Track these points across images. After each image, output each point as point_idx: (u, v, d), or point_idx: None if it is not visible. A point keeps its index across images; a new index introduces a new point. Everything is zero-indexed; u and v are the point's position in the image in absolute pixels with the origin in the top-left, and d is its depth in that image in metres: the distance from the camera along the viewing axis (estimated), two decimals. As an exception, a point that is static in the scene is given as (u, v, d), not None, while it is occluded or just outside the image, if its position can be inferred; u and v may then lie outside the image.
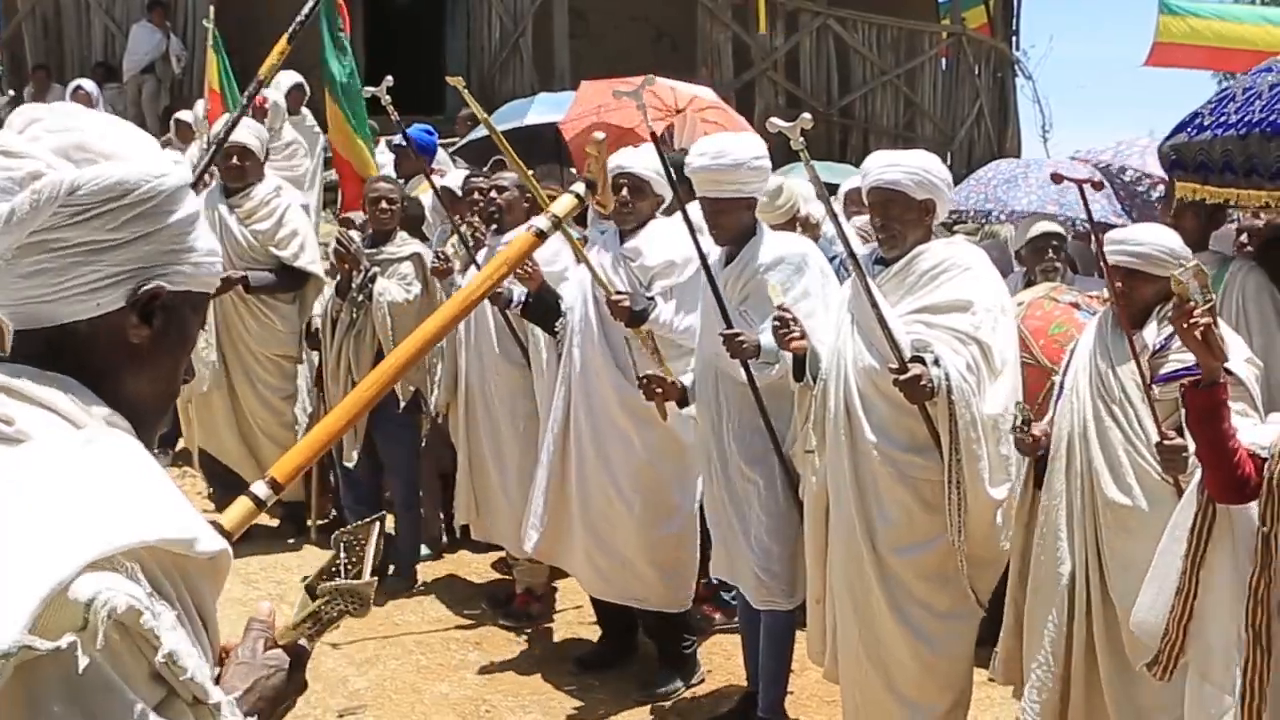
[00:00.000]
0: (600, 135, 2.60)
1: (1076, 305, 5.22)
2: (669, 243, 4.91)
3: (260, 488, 1.97)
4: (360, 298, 6.02)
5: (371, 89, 5.89)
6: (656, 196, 5.02)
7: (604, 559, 5.12)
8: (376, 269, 6.07)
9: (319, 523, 6.80)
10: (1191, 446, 3.48)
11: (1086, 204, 3.90)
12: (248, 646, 1.55)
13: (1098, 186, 4.05)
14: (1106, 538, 3.73)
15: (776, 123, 4.14)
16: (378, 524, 1.73)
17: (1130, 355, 3.70)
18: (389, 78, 5.85)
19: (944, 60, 16.84)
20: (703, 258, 4.49)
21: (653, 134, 4.67)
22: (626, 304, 4.76)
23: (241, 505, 1.96)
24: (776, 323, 4.03)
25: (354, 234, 6.37)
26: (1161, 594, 3.28)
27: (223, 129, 5.86)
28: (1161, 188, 6.84)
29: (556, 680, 5.30)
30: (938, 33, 16.94)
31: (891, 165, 4.04)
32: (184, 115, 9.29)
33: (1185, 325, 3.01)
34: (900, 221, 4.03)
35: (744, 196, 4.49)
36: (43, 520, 1.19)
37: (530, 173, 5.48)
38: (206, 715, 1.31)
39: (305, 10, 5.56)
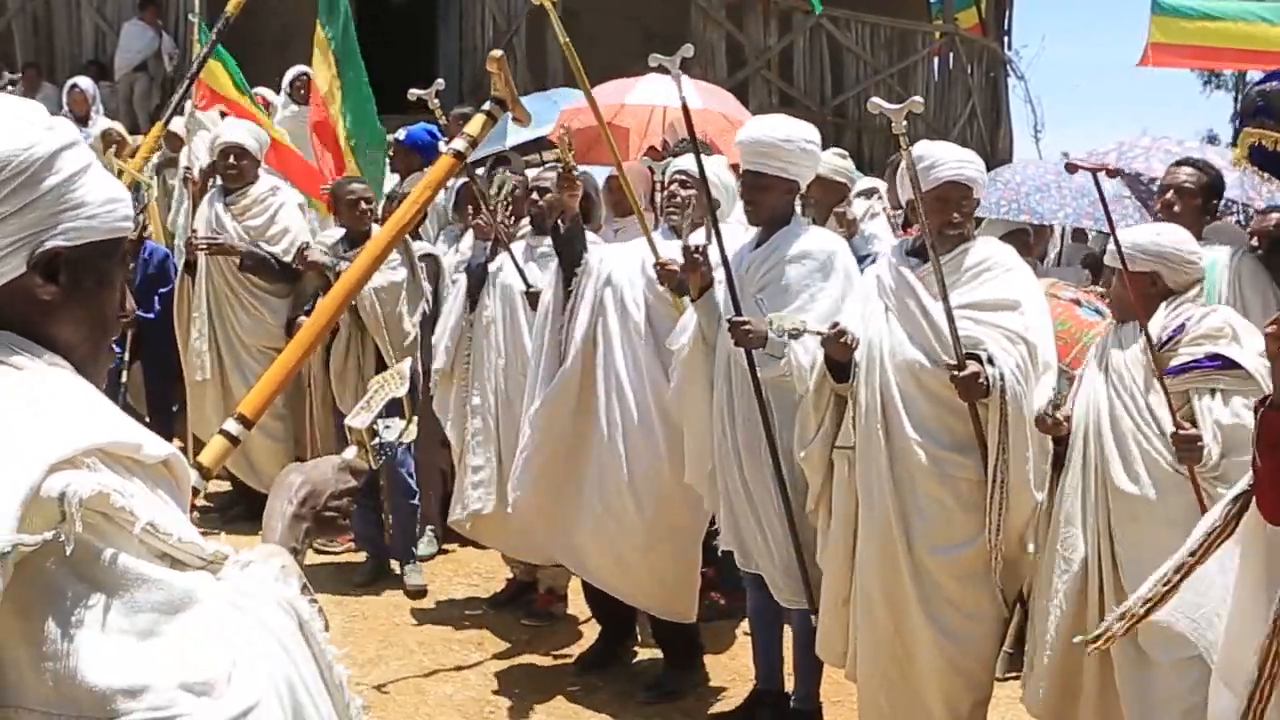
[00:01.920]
0: (498, 53, 2.75)
1: (1077, 302, 5.25)
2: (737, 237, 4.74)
3: (232, 424, 2.24)
4: None
5: (419, 91, 5.76)
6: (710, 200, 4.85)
7: (602, 551, 5.05)
8: (348, 262, 6.04)
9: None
10: (1207, 437, 3.54)
11: (1101, 191, 3.90)
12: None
13: (1112, 174, 4.06)
14: (1117, 527, 3.74)
15: (879, 103, 4.10)
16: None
17: (1142, 346, 3.71)
18: (440, 82, 5.80)
19: (936, 60, 16.88)
20: (721, 249, 4.40)
21: (691, 135, 4.57)
22: (674, 268, 4.63)
23: (217, 443, 2.25)
24: (836, 334, 3.95)
25: (322, 238, 6.43)
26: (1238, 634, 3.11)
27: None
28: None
29: (560, 681, 5.27)
30: (930, 32, 16.97)
31: (966, 162, 4.04)
32: (173, 126, 9.07)
33: None
34: (969, 218, 4.07)
35: (787, 178, 4.41)
36: (5, 438, 1.35)
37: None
38: (218, 569, 1.51)
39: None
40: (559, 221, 5.06)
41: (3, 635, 1.33)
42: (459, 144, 2.55)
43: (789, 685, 4.84)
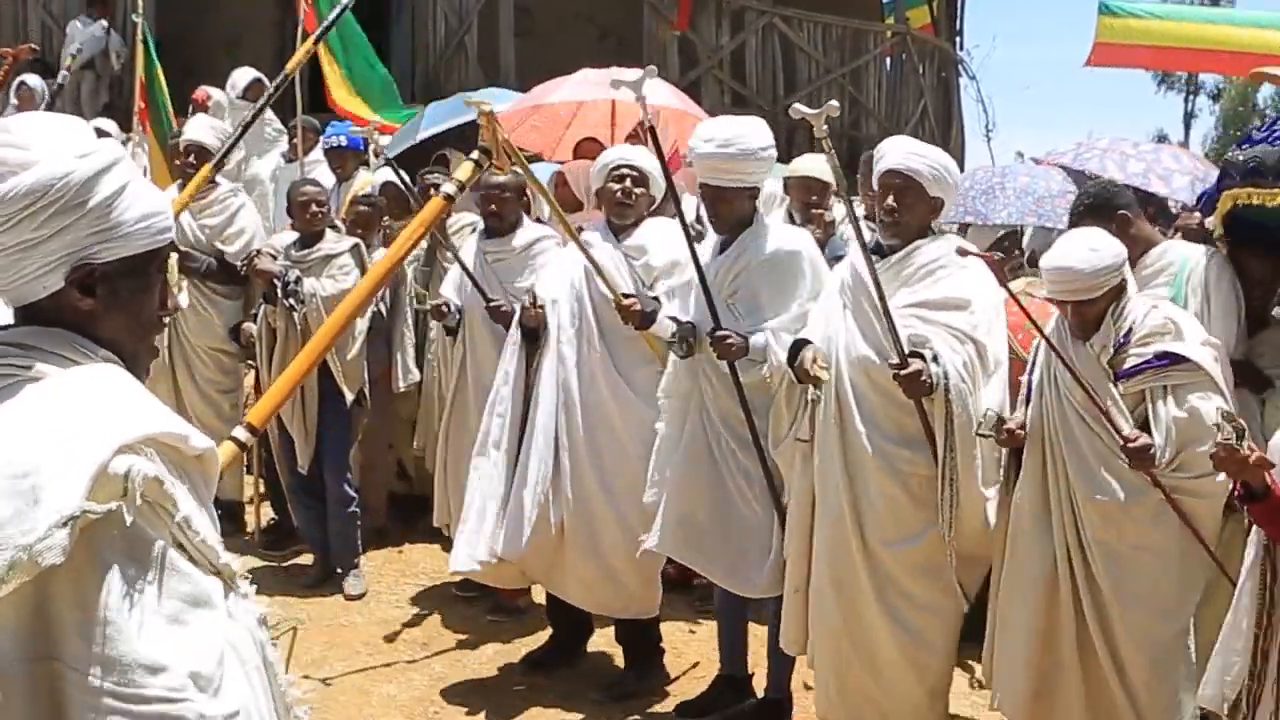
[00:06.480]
0: (488, 107, 2.97)
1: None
2: (671, 241, 4.76)
3: (240, 432, 2.46)
4: (290, 303, 5.97)
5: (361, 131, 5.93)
6: (652, 195, 4.93)
7: (589, 569, 4.96)
8: (298, 271, 6.05)
9: (262, 527, 6.84)
10: (1157, 441, 3.63)
11: (998, 274, 3.89)
12: None
13: (1001, 264, 4.23)
14: (1089, 530, 3.78)
15: (800, 109, 4.15)
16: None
17: (1090, 358, 3.78)
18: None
19: (889, 60, 16.95)
20: (695, 257, 4.42)
21: (651, 130, 4.61)
22: (638, 307, 4.65)
23: (227, 448, 2.46)
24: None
25: (274, 240, 6.43)
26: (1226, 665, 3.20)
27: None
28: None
29: (506, 681, 5.26)
30: (882, 32, 17.04)
31: (914, 154, 4.08)
32: (102, 123, 8.87)
33: (1237, 469, 3.05)
34: (910, 211, 4.06)
35: (746, 186, 4.45)
36: (78, 422, 1.54)
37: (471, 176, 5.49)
38: (226, 581, 1.71)
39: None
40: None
41: (55, 593, 1.49)
42: (449, 188, 2.78)
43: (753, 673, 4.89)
